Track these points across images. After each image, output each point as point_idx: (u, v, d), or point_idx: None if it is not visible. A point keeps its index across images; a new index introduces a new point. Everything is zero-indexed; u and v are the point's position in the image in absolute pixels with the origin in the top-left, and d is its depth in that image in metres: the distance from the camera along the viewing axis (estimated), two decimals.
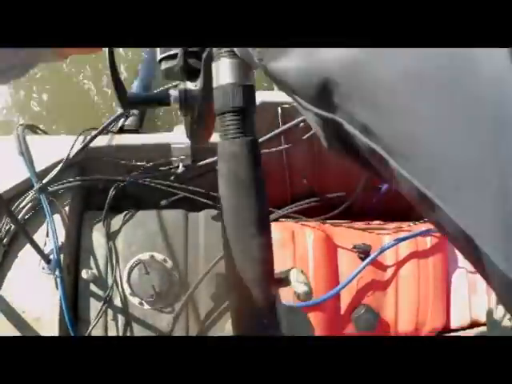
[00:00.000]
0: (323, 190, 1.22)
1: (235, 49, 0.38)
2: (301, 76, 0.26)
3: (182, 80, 0.58)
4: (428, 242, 1.15)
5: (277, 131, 1.07)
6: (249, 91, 0.42)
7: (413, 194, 0.23)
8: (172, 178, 1.10)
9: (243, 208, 0.41)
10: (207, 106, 0.53)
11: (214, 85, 0.43)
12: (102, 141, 1.15)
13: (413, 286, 1.13)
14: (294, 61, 0.26)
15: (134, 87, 1.67)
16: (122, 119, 1.20)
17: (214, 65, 0.43)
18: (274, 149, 1.09)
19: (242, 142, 0.41)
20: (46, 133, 1.30)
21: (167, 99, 0.57)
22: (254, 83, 0.43)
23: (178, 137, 1.09)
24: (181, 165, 1.10)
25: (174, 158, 1.09)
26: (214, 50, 0.43)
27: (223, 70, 0.42)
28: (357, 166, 0.28)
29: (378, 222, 1.20)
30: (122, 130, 1.33)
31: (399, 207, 1.20)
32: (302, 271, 0.46)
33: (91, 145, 1.13)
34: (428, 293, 1.14)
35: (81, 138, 1.14)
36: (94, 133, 1.13)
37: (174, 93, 0.56)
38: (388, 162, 0.23)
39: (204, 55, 0.49)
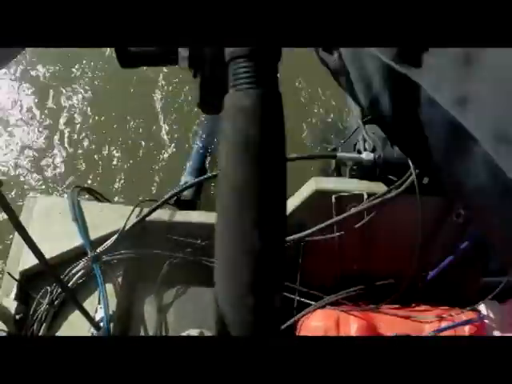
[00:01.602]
0: (372, 273, 1.23)
1: None
2: None
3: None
4: (466, 330, 1.17)
5: (329, 222, 1.09)
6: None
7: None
8: None
9: (253, 186, 0.28)
10: (220, 66, 0.37)
11: None
12: (157, 214, 1.18)
13: None
14: None
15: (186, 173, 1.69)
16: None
17: None
18: (327, 236, 1.11)
19: (256, 94, 0.29)
20: (101, 195, 1.34)
21: (174, 57, 0.45)
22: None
23: None
24: None
25: None
26: None
27: None
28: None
29: (422, 307, 1.21)
30: (178, 202, 1.36)
31: (443, 293, 1.22)
32: None
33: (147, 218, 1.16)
34: None
35: (137, 209, 1.17)
36: (152, 206, 1.16)
37: (183, 51, 0.45)
38: (477, 142, 0.22)
39: None
